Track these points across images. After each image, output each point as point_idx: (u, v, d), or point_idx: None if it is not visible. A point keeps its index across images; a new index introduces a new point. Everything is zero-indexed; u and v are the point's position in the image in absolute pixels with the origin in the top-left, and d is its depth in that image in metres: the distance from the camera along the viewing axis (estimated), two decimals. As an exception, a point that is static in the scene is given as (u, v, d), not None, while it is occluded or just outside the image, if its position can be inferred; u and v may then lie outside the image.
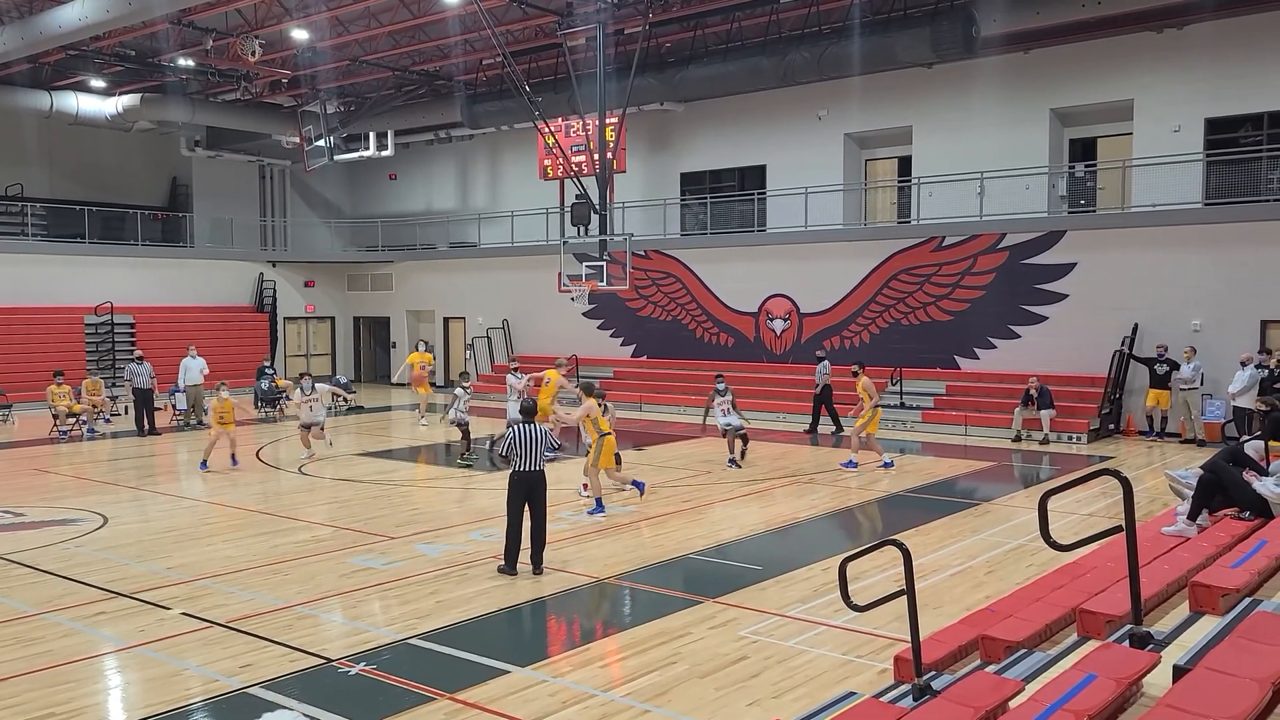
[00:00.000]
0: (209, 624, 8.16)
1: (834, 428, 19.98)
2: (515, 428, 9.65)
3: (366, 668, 7.13)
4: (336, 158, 28.80)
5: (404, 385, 23.96)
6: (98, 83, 26.53)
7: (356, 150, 29.07)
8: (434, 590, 9.14)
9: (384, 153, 29.14)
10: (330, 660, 7.30)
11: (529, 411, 10.06)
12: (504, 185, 31.31)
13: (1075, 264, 20.02)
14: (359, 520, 12.26)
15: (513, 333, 29.53)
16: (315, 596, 8.99)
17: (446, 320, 31.65)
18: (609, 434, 12.58)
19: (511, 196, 30.63)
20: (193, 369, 21.68)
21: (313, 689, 6.76)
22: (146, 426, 20.36)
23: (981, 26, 19.56)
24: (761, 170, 25.78)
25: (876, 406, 15.60)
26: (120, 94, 27.02)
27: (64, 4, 19.11)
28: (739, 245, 24.99)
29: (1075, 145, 22.13)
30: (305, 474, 15.95)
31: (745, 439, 16.34)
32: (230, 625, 8.12)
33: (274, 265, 32.24)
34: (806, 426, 20.37)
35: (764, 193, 25.33)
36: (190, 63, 24.55)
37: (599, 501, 12.47)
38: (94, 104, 27.17)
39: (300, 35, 22.52)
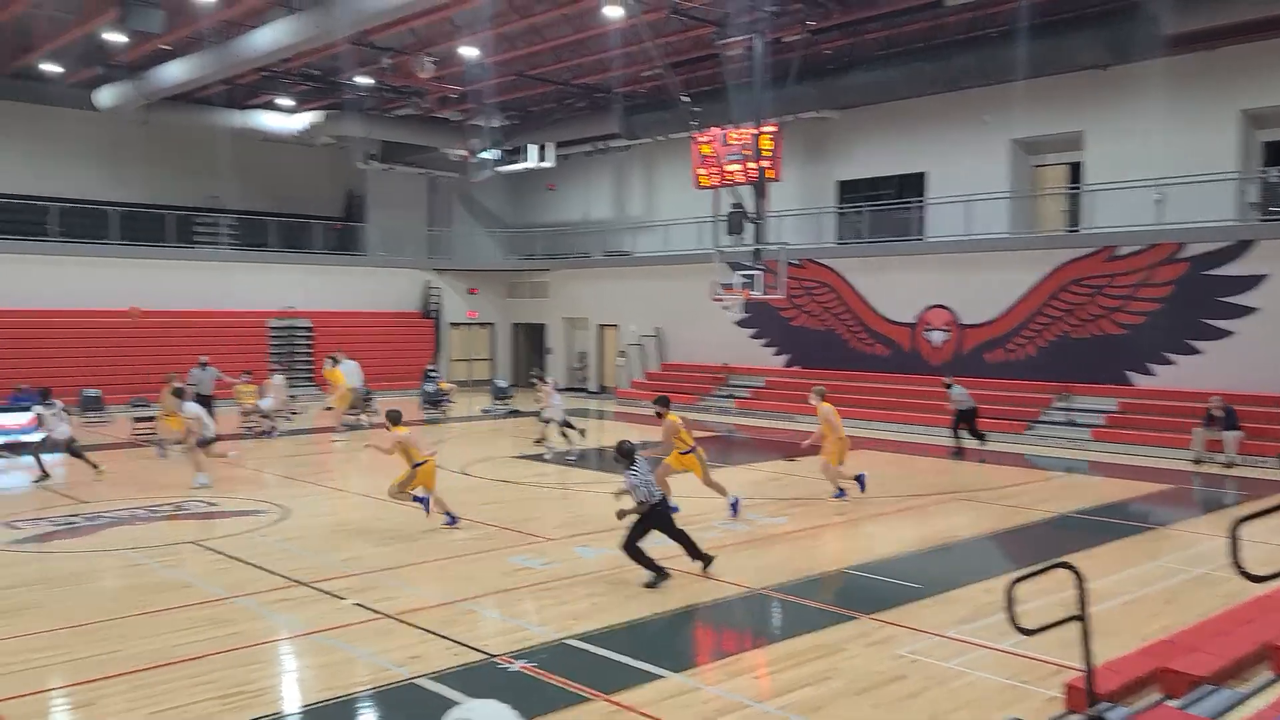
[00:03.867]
0: (380, 615, 8.57)
1: (955, 448, 19.05)
2: (640, 474, 9.69)
3: (526, 665, 7.34)
4: (500, 169, 29.76)
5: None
6: (285, 101, 28.36)
7: (519, 162, 29.97)
8: (590, 592, 9.32)
9: (545, 164, 29.94)
10: (492, 656, 7.55)
11: (629, 455, 9.83)
12: (659, 194, 31.64)
13: (1266, 275, 18.64)
14: (518, 521, 12.62)
15: (665, 341, 29.78)
16: (477, 593, 9.31)
17: (601, 327, 32.21)
18: (423, 463, 12.11)
19: (666, 205, 30.94)
20: (348, 372, 22.73)
21: (476, 683, 7.00)
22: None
23: (1163, 25, 18.50)
24: (921, 178, 25.15)
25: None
26: (305, 111, 28.79)
27: (258, 29, 20.52)
28: (897, 255, 24.45)
29: (1269, 149, 20.63)
30: (467, 474, 16.53)
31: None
32: (399, 617, 8.50)
33: (440, 273, 33.63)
34: (957, 447, 19.36)
35: (925, 200, 24.70)
36: (368, 80, 25.92)
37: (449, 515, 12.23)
38: (281, 121, 29.06)
39: (469, 52, 23.42)
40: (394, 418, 12.44)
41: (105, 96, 25.80)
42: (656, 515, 9.68)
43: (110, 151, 29.04)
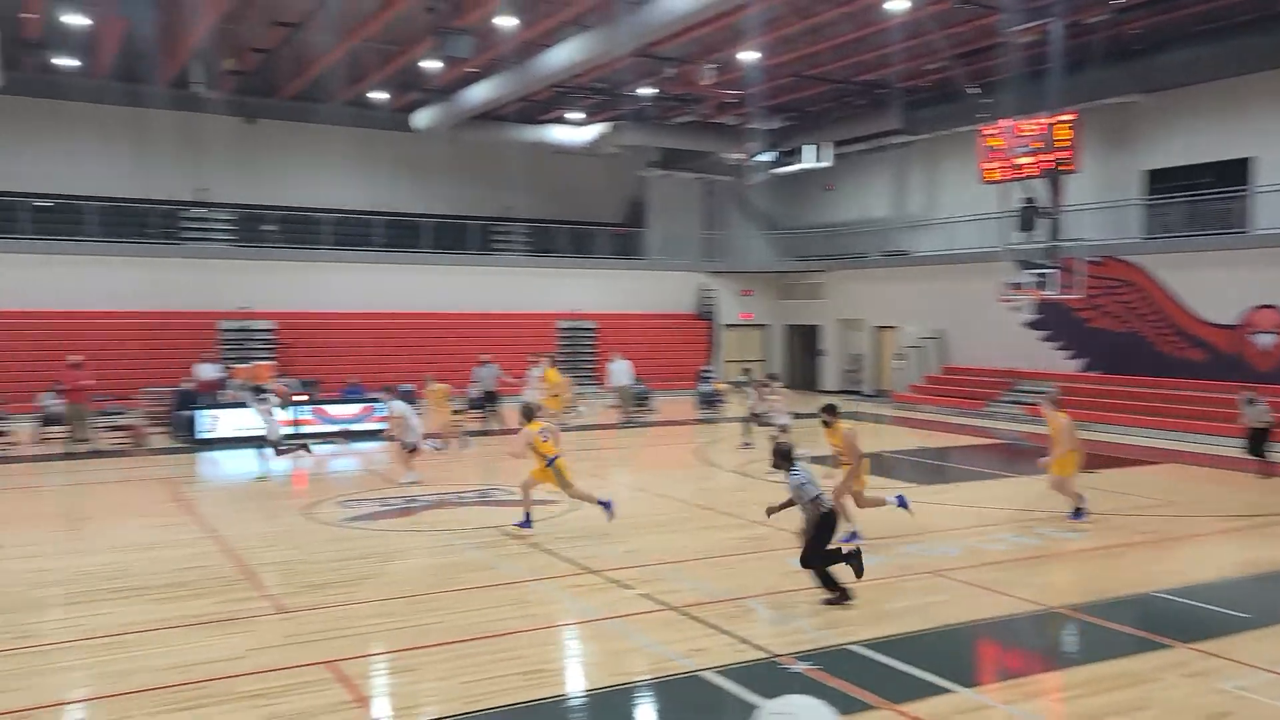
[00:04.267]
0: (664, 607, 8.88)
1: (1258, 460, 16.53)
2: (803, 474, 9.19)
3: (808, 667, 7.34)
4: (776, 171, 29.85)
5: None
6: (574, 115, 29.98)
7: (795, 163, 29.93)
8: (871, 599, 9.16)
9: (822, 164, 29.71)
10: (773, 655, 7.62)
11: (787, 456, 9.27)
12: (941, 191, 30.49)
13: None
14: (795, 523, 12.59)
15: (946, 343, 28.66)
16: (757, 592, 9.42)
17: (877, 329, 31.51)
18: (555, 458, 12.00)
19: (948, 202, 29.76)
20: (618, 372, 23.76)
21: (759, 681, 7.09)
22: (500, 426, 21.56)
23: None
24: (1245, 164, 22.61)
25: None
26: (593, 123, 30.30)
27: (553, 48, 21.86)
28: (1216, 249, 22.12)
29: None
30: (743, 474, 16.74)
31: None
32: (682, 610, 8.77)
33: (715, 275, 34.25)
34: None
35: (1255, 189, 22.17)
36: (651, 90, 26.88)
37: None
38: (571, 134, 30.75)
39: (748, 57, 23.68)
40: (528, 413, 12.40)
41: (421, 119, 28.43)
42: (829, 525, 9.20)
43: (421, 168, 31.88)
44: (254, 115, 29.12)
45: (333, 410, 20.93)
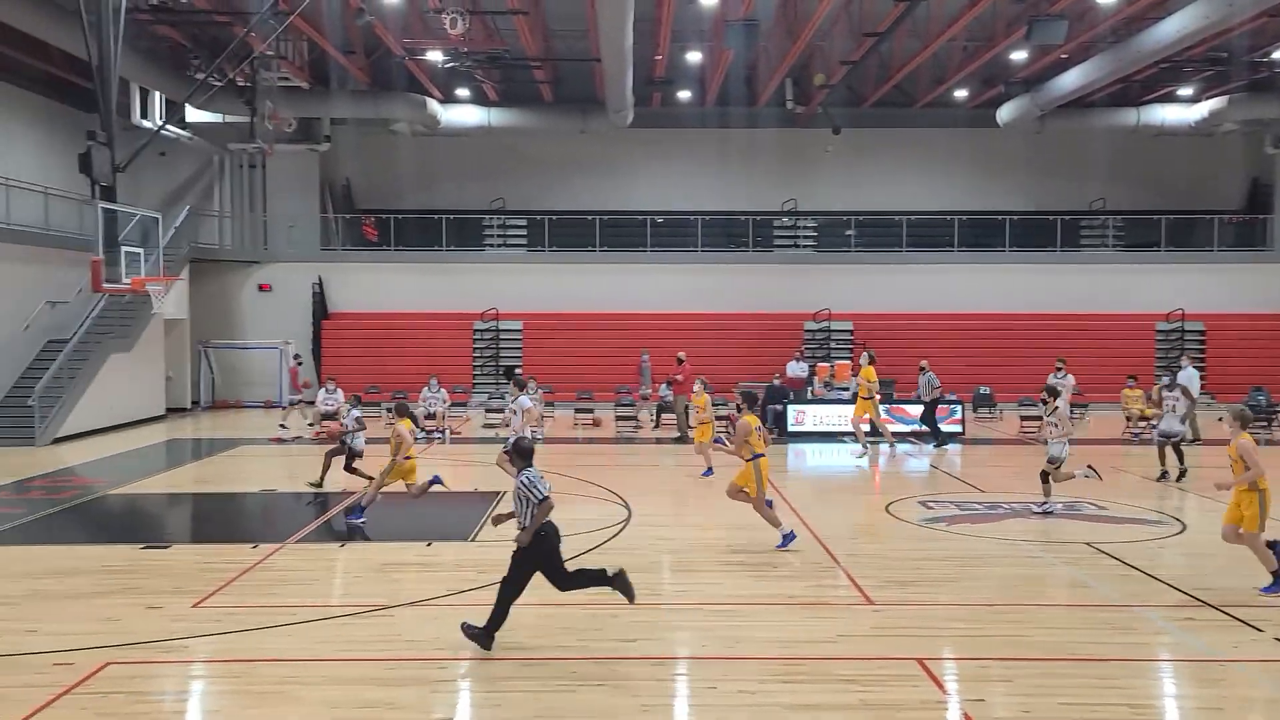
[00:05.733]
0: (1309, 659, 7.53)
1: None
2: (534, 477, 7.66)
3: None
4: None
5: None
6: (1182, 91, 26.73)
7: None
8: None
9: None
10: None
11: (528, 454, 7.87)
12: None
13: None
14: None
15: None
16: None
17: None
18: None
19: None
20: (1184, 379, 20.40)
21: None
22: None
23: None
24: None
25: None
26: (1205, 99, 26.79)
27: (1160, 21, 19.65)
28: None
29: None
30: None
31: None
32: (1334, 666, 7.36)
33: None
34: None
35: None
36: (1286, 54, 23.00)
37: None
38: (1177, 113, 27.57)
39: None
40: (401, 410, 12.43)
41: (1004, 113, 27.48)
42: (545, 551, 7.62)
43: (1000, 164, 30.61)
44: (839, 125, 30.38)
45: (910, 410, 21.16)
